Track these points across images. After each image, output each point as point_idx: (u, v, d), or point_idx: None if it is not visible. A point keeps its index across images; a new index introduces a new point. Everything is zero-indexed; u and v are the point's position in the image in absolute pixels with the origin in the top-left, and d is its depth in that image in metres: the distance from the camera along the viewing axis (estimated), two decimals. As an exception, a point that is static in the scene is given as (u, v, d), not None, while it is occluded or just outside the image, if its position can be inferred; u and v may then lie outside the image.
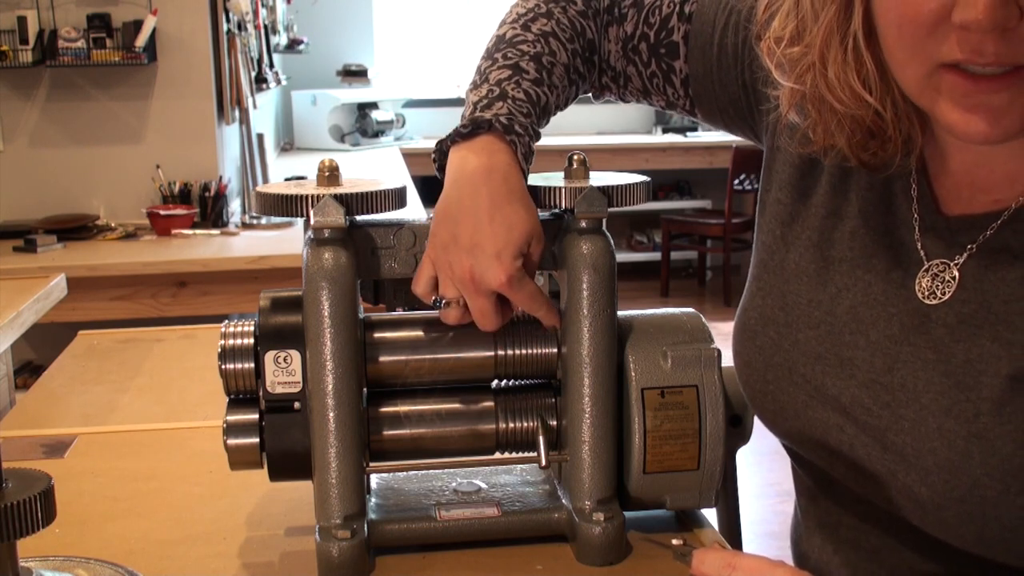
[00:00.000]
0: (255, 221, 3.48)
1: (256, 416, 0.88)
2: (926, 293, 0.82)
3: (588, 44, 1.00)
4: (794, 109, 0.84)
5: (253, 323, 0.88)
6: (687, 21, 0.98)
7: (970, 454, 0.76)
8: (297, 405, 0.87)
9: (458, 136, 0.88)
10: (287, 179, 3.26)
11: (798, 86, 0.81)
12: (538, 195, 0.89)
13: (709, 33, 0.97)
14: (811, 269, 0.89)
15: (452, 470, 0.98)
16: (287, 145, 5.90)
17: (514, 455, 0.93)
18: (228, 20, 3.63)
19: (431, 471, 0.99)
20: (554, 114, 0.97)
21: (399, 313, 0.94)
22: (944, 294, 0.81)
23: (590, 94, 1.07)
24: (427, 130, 6.32)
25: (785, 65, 0.82)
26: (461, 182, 0.86)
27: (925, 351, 0.81)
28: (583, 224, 0.87)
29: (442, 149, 0.90)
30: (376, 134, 5.96)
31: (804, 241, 0.91)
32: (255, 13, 4.18)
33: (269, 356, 0.86)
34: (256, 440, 0.88)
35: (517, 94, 0.91)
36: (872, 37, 0.76)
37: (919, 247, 0.83)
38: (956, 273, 0.80)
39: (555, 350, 0.91)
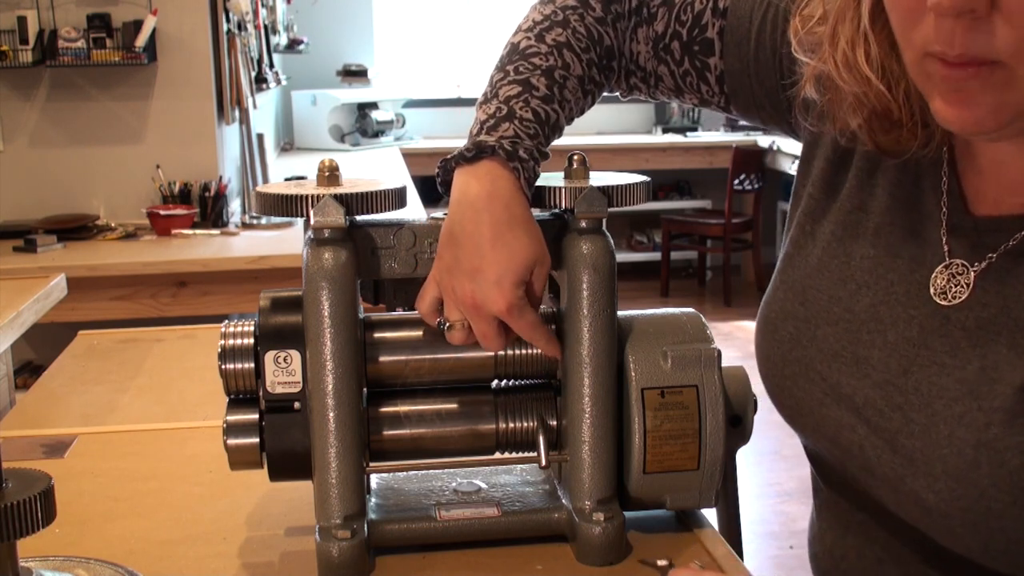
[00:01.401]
0: (255, 221, 3.48)
1: (256, 416, 0.88)
2: (938, 291, 0.81)
3: (606, 51, 0.99)
4: (812, 85, 0.84)
5: (253, 323, 0.88)
6: (722, 16, 0.97)
7: (978, 464, 0.75)
8: (297, 405, 0.87)
9: (462, 159, 0.88)
10: (287, 179, 3.26)
11: (817, 63, 0.81)
12: (538, 195, 0.89)
13: (746, 28, 0.95)
14: (833, 264, 0.89)
15: (452, 470, 0.98)
16: (287, 145, 5.90)
17: (514, 455, 0.93)
18: (228, 20, 3.63)
19: (431, 471, 0.99)
20: (567, 125, 0.97)
21: (399, 313, 0.94)
22: (957, 297, 0.80)
23: (618, 93, 1.07)
24: (427, 130, 6.32)
25: (807, 43, 0.82)
26: (464, 206, 0.86)
27: (942, 355, 0.80)
28: (583, 224, 0.87)
29: (447, 167, 0.90)
30: (376, 134, 5.96)
31: (828, 236, 0.90)
32: (255, 13, 4.18)
33: (269, 356, 0.86)
34: (256, 440, 0.88)
35: (525, 114, 0.90)
36: (882, 19, 0.77)
37: (943, 244, 0.82)
38: (972, 277, 0.79)
39: (555, 350, 0.91)
